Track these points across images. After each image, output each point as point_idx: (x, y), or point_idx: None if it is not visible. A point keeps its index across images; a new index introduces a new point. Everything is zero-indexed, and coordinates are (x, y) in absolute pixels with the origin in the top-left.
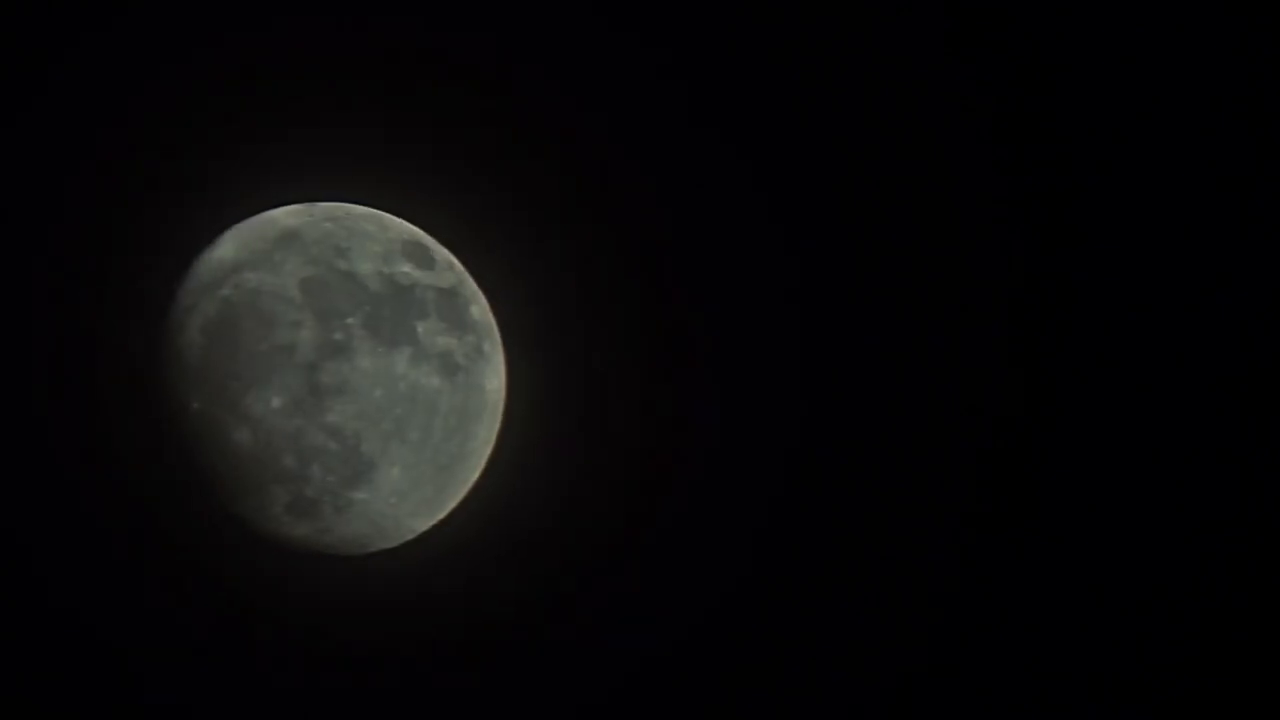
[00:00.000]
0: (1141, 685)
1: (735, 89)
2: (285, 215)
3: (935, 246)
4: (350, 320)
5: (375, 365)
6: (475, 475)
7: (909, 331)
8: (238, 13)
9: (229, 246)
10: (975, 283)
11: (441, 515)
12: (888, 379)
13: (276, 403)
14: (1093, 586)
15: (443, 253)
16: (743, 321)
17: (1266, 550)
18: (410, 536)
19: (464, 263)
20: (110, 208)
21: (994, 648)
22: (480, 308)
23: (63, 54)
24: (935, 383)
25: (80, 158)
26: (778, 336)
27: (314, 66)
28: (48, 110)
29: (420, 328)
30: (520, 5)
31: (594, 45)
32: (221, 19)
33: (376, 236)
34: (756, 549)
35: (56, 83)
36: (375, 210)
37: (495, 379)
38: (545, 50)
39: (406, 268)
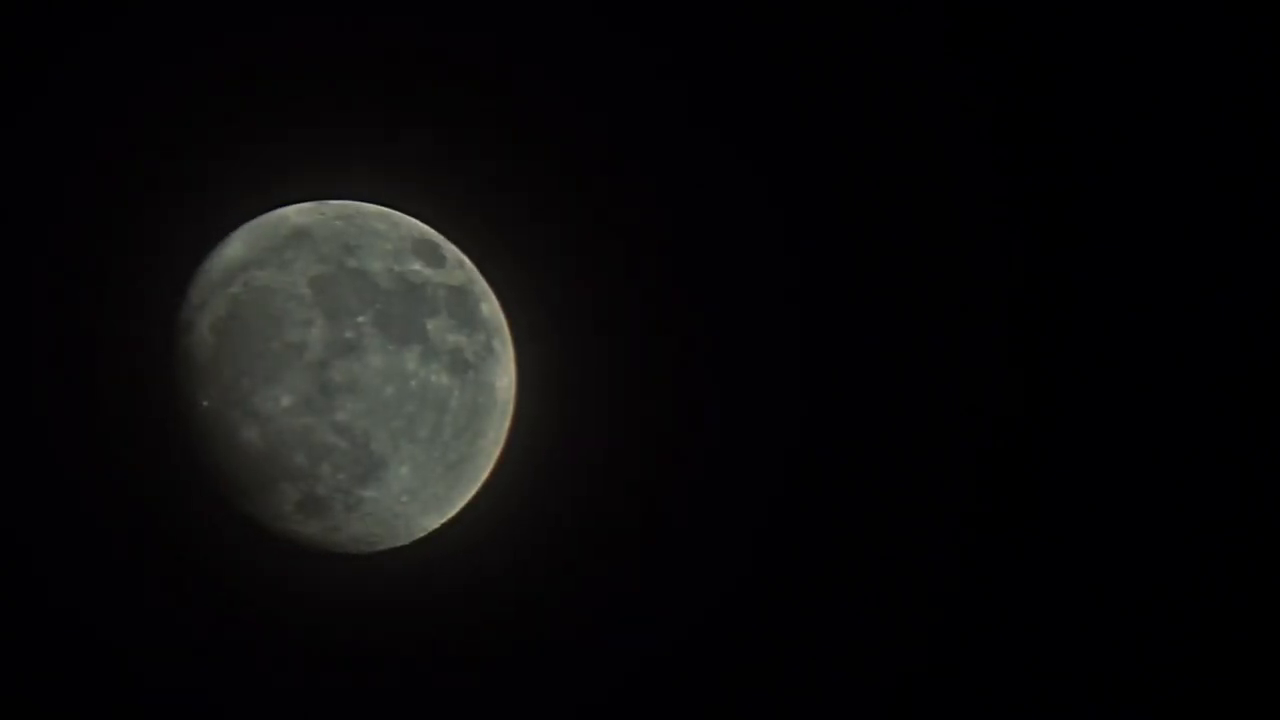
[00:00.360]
0: (1141, 685)
1: (738, 88)
2: (295, 213)
3: (935, 247)
4: (360, 318)
5: (385, 363)
6: (485, 473)
7: (909, 331)
8: (250, 12)
9: (239, 244)
10: (975, 283)
11: (451, 513)
12: (888, 379)
13: (286, 401)
14: (1093, 586)
15: (453, 250)
16: (751, 320)
17: (1266, 550)
18: (420, 535)
19: (474, 260)
20: (120, 206)
21: (994, 648)
22: (490, 306)
23: (75, 54)
24: (935, 383)
25: (90, 157)
26: (785, 335)
27: (325, 65)
28: (56, 109)
29: (430, 326)
30: (526, 5)
31: (604, 45)
32: (232, 18)
33: (386, 234)
34: (760, 549)
35: (67, 82)
36: (385, 208)
37: (505, 377)
38: (555, 50)
39: (417, 265)
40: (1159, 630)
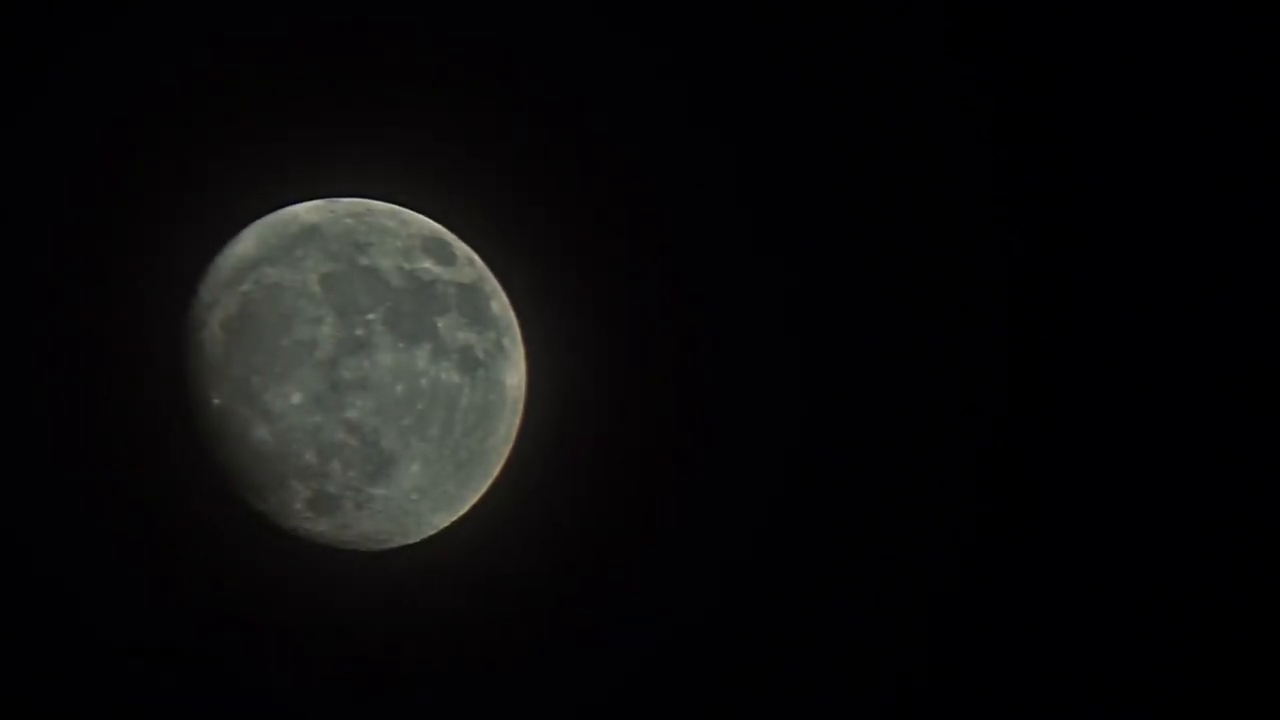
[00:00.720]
0: (1142, 685)
1: (748, 85)
2: (306, 211)
3: (935, 246)
4: (371, 316)
5: (396, 361)
6: (495, 471)
7: (914, 331)
8: (260, 11)
9: (250, 242)
10: (975, 283)
11: (462, 511)
12: (892, 379)
13: (297, 399)
14: (1093, 586)
15: (463, 248)
16: (760, 319)
17: (1267, 550)
18: (431, 532)
19: (484, 258)
20: (130, 205)
21: (994, 648)
22: (500, 303)
23: (89, 53)
24: (935, 383)
25: (99, 155)
26: (792, 333)
27: (335, 62)
28: (67, 106)
29: (440, 323)
30: (538, 2)
31: (613, 43)
32: (244, 16)
33: (397, 232)
34: (776, 547)
35: (77, 79)
36: (395, 206)
37: (515, 375)
38: (564, 48)
39: (427, 263)
40: (1159, 630)
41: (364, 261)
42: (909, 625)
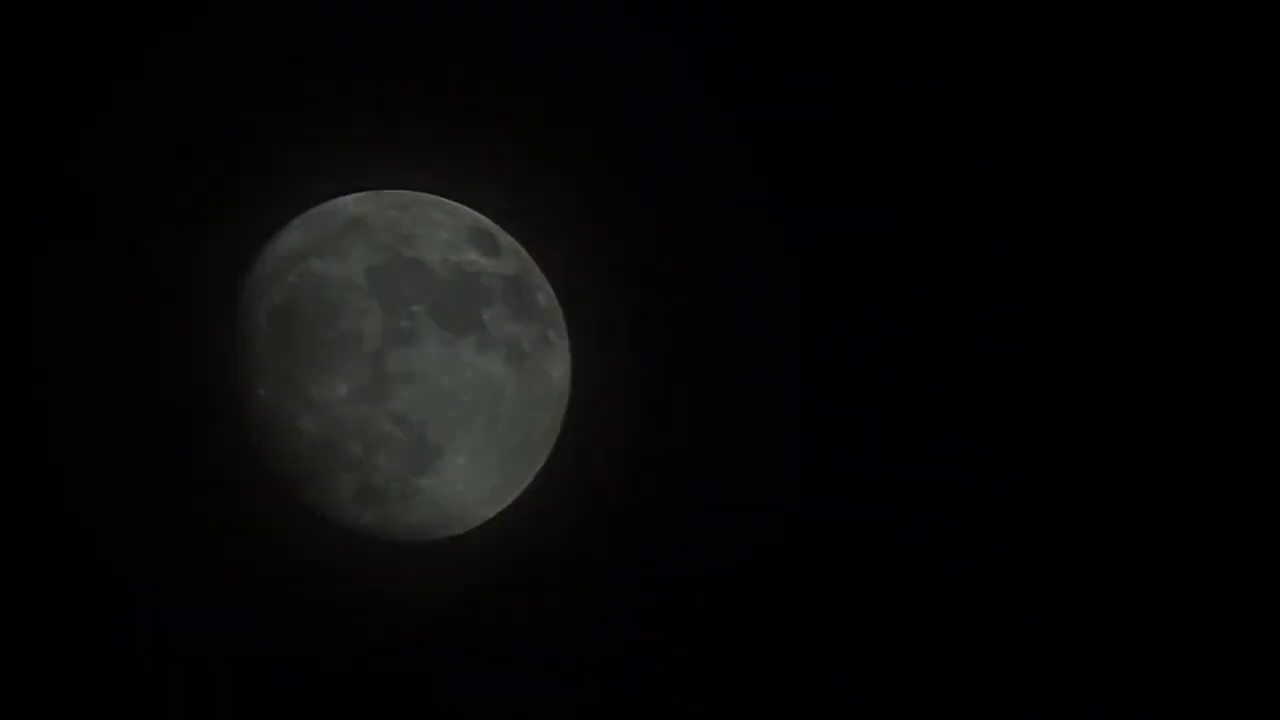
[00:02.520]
0: (1141, 685)
1: (791, 79)
2: (352, 203)
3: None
4: (416, 308)
5: (441, 353)
6: (541, 462)
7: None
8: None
9: (296, 234)
10: (980, 285)
11: (507, 503)
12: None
13: (343, 390)
14: (1093, 587)
15: (508, 240)
16: (804, 310)
17: (1266, 550)
18: (476, 524)
19: (530, 250)
20: (178, 196)
21: (995, 646)
22: (546, 295)
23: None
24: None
25: (148, 147)
26: (838, 323)
27: (383, 53)
28: (115, 99)
29: (486, 315)
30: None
31: (656, 36)
32: (292, 8)
33: (443, 224)
34: (807, 540)
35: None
36: (442, 198)
37: (561, 366)
38: (609, 42)
39: (473, 255)
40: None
41: (410, 254)
42: (911, 625)
